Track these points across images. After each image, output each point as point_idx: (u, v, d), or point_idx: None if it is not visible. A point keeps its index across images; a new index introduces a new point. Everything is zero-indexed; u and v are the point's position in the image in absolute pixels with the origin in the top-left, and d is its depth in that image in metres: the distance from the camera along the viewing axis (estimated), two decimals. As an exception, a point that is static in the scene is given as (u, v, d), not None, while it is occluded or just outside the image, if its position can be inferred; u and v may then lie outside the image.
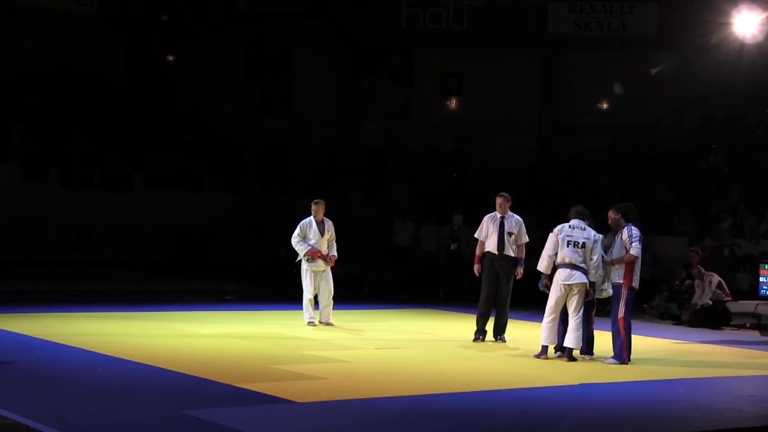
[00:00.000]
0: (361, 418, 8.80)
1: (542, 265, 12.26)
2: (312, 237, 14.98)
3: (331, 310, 15.14)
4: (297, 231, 15.05)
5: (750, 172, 24.31)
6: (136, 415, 8.53)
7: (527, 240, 13.92)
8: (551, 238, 12.20)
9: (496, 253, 13.71)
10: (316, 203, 15.19)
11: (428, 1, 31.70)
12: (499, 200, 13.90)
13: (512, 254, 13.70)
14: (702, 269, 17.88)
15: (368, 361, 12.10)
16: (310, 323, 14.92)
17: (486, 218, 13.94)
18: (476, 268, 13.95)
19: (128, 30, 32.29)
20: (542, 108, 32.39)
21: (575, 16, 30.99)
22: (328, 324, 15.03)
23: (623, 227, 12.19)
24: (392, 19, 31.97)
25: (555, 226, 12.48)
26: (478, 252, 13.98)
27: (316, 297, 15.10)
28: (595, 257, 12.08)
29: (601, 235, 12.31)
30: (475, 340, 13.79)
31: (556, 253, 12.09)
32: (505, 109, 31.55)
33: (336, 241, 15.24)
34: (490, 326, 13.91)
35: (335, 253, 15.16)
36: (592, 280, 12.08)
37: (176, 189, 29.17)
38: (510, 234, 13.70)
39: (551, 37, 31.63)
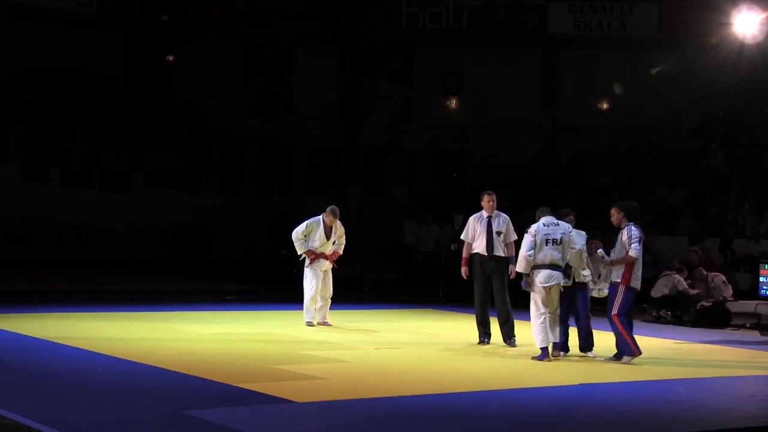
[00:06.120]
0: (361, 418, 8.80)
1: (521, 266, 12.22)
2: (317, 239, 14.84)
3: (328, 311, 15.06)
4: (302, 228, 14.83)
5: (750, 172, 24.31)
6: (136, 415, 8.53)
7: (515, 238, 13.47)
8: (528, 238, 12.15)
9: (486, 254, 13.37)
10: (332, 213, 14.82)
11: (428, 1, 31.70)
12: (487, 198, 13.52)
13: (502, 254, 13.35)
14: (704, 271, 17.88)
15: (368, 361, 12.09)
16: (309, 324, 14.85)
17: (472, 219, 13.58)
18: (463, 270, 13.60)
19: (128, 30, 32.29)
20: (542, 108, 32.41)
21: (575, 16, 31.00)
22: (325, 324, 14.96)
23: (624, 227, 12.17)
24: (392, 19, 31.97)
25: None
26: (465, 254, 13.59)
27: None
28: (574, 250, 12.21)
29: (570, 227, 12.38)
30: (479, 343, 13.55)
31: (533, 253, 12.09)
32: (505, 109, 31.55)
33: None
34: (494, 328, 13.72)
35: (340, 250, 15.06)
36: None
37: (176, 189, 29.20)
38: (499, 233, 13.37)
39: (551, 37, 31.64)
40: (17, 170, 27.35)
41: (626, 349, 12.08)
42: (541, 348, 12.17)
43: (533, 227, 12.22)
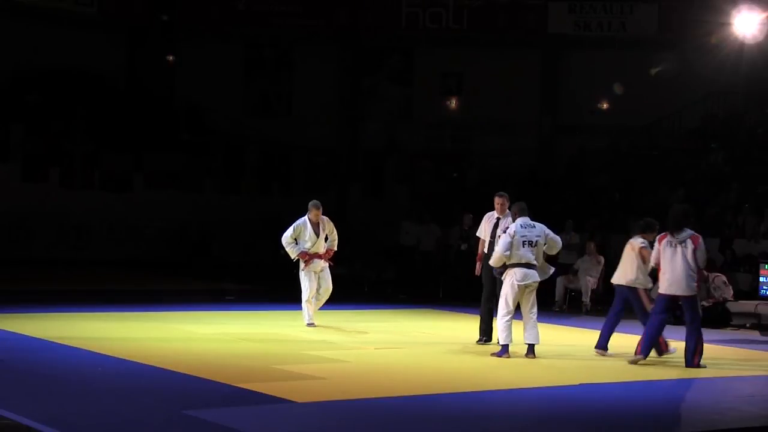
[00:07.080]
0: (361, 418, 8.80)
1: (494, 261, 12.64)
2: (307, 239, 14.79)
3: (318, 309, 14.95)
4: (290, 232, 14.78)
5: (750, 172, 24.31)
6: (136, 415, 8.53)
7: None
8: (506, 239, 12.44)
9: (489, 254, 13.57)
10: (315, 207, 14.82)
11: (428, 1, 31.70)
12: (498, 200, 13.69)
13: None
14: (704, 271, 17.85)
15: (368, 361, 12.09)
16: (310, 325, 14.82)
17: (485, 218, 13.89)
18: (477, 266, 13.84)
19: (128, 30, 32.27)
20: (542, 108, 32.40)
21: (575, 16, 30.97)
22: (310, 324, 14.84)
23: None
24: (392, 19, 31.95)
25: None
26: (479, 251, 13.90)
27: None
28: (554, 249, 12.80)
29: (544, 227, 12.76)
30: (479, 342, 13.67)
31: (509, 253, 12.40)
32: (505, 109, 31.55)
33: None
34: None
35: (334, 247, 15.02)
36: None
37: (176, 189, 29.17)
38: None
39: (551, 37, 31.62)
40: (17, 170, 27.34)
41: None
42: (502, 345, 12.38)
43: (511, 228, 12.53)
